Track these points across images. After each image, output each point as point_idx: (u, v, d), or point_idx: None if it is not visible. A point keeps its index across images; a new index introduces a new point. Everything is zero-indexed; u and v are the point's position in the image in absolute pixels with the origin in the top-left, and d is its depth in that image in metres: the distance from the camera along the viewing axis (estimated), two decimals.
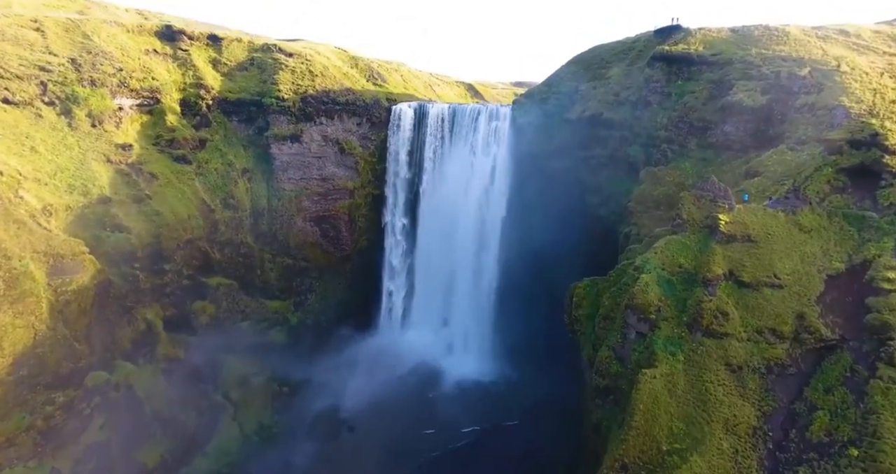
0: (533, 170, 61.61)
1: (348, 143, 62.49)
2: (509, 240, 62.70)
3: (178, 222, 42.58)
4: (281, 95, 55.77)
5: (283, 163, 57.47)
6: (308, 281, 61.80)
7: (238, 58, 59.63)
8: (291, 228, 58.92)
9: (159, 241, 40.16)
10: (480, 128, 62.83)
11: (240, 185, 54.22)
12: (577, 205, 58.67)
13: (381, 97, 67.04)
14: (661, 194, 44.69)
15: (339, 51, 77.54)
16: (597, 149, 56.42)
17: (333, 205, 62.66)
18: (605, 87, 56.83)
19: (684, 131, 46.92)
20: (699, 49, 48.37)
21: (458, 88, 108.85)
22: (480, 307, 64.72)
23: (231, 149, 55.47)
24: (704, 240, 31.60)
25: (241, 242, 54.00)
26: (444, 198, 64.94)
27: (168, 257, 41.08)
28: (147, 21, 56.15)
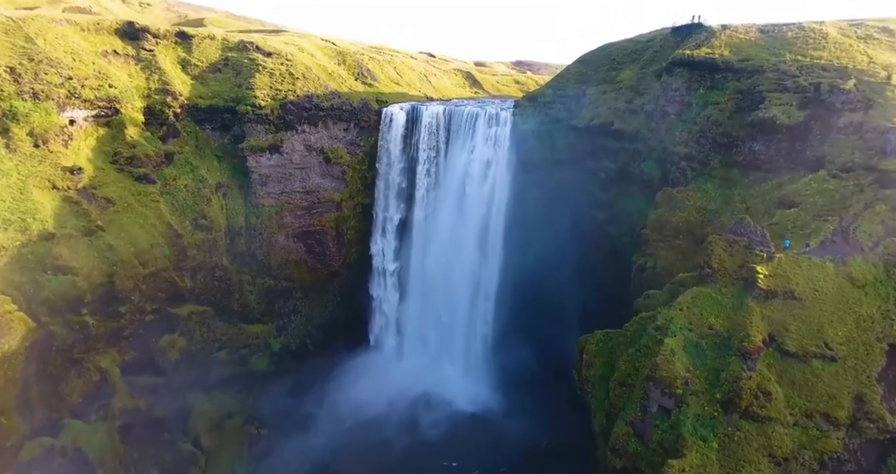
0: (535, 181, 56.60)
1: (334, 152, 57.24)
2: (510, 255, 58.07)
3: (137, 254, 37.75)
4: (257, 102, 50.28)
5: (261, 176, 52.32)
6: (292, 302, 57.24)
7: (210, 58, 53.90)
8: (272, 247, 54.09)
9: (113, 281, 35.40)
10: (479, 134, 57.58)
11: (213, 203, 49.18)
12: (584, 221, 53.87)
13: (370, 99, 61.53)
14: (680, 221, 39.89)
15: (324, 45, 71.58)
16: (605, 162, 51.36)
17: (319, 219, 57.70)
18: (616, 92, 51.44)
19: (706, 147, 41.86)
20: (725, 54, 42.94)
21: (456, 77, 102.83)
22: (479, 328, 60.45)
23: (203, 162, 50.25)
24: (739, 296, 26.97)
25: (215, 265, 49.24)
26: (440, 209, 60.15)
27: (124, 298, 36.40)
28: (105, 18, 50.26)
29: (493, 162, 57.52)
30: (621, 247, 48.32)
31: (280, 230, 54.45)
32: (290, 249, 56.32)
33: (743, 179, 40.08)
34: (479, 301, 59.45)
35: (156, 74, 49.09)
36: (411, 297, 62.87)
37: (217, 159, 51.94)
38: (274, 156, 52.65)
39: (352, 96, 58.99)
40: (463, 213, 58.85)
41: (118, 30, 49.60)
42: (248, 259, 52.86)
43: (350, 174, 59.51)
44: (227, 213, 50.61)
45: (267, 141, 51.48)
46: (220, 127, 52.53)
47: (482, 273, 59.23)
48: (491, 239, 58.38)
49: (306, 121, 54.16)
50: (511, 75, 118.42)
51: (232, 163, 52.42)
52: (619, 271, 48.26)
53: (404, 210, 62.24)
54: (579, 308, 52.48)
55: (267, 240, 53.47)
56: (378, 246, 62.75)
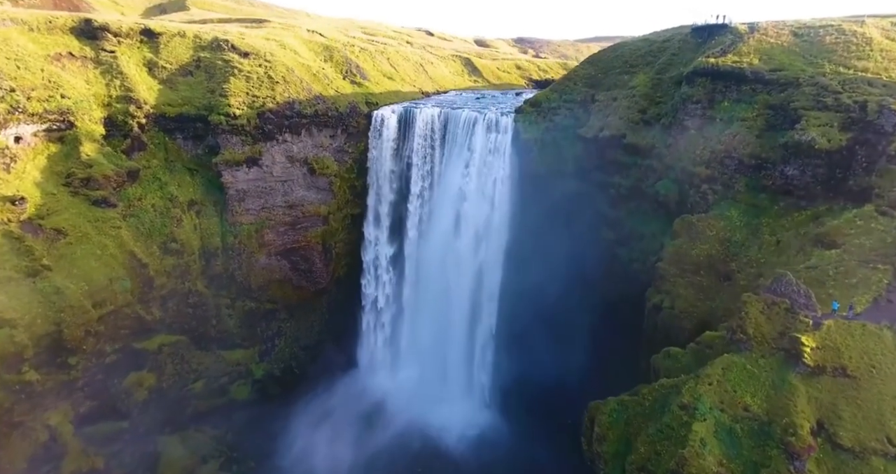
0: (538, 193, 52.15)
1: (320, 162, 52.54)
2: (511, 273, 54.03)
3: (92, 293, 33.59)
4: (232, 112, 45.35)
5: (238, 191, 47.73)
6: (276, 324, 53.34)
7: (181, 58, 48.69)
8: (253, 267, 49.87)
9: (60, 330, 31.27)
10: (477, 142, 52.83)
11: (185, 223, 44.75)
12: (591, 239, 49.62)
13: (359, 101, 56.54)
14: (701, 254, 35.69)
15: (310, 37, 66.14)
16: (616, 177, 46.85)
17: (304, 234, 53.35)
18: (629, 99, 46.59)
19: (731, 169, 37.39)
20: (754, 62, 38.08)
21: (455, 64, 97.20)
22: (478, 349, 56.71)
23: (174, 178, 45.64)
24: (780, 371, 22.98)
25: (189, 291, 45.11)
26: (435, 222, 55.84)
27: (75, 348, 32.36)
28: (60, 14, 44.91)
29: (492, 172, 52.93)
30: (633, 273, 44.24)
31: (261, 249, 50.16)
32: (273, 268, 52.12)
33: (772, 206, 35.78)
34: (478, 321, 55.57)
35: (117, 79, 44.07)
36: (406, 316, 59.10)
37: (189, 173, 47.29)
38: (252, 170, 47.98)
39: (338, 100, 53.97)
40: (460, 228, 54.58)
41: (74, 29, 44.36)
42: (226, 281, 48.70)
43: (338, 184, 54.96)
44: (200, 233, 46.21)
45: (243, 153, 46.74)
46: (193, 136, 47.71)
47: (482, 291, 55.23)
48: (491, 255, 54.24)
49: (288, 130, 49.33)
50: (512, 59, 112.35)
51: (206, 177, 47.80)
52: (630, 297, 44.19)
53: (397, 223, 58.00)
54: (587, 332, 48.66)
55: (246, 261, 49.23)
56: (369, 264, 58.68)
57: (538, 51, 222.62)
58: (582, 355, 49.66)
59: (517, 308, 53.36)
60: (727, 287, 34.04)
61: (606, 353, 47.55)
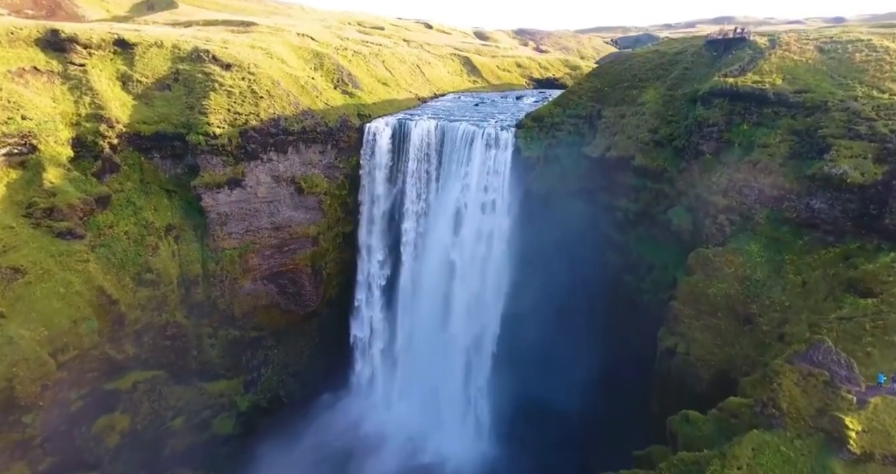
0: (540, 214, 49.27)
1: (308, 180, 49.42)
2: (512, 298, 51.18)
3: (52, 339, 30.62)
4: (211, 131, 42.11)
5: (220, 215, 44.63)
6: (262, 352, 50.46)
7: (157, 71, 45.36)
8: (236, 294, 46.90)
9: (13, 387, 28.25)
10: (476, 159, 49.76)
11: (161, 251, 41.68)
12: (596, 264, 46.81)
13: (350, 114, 53.32)
14: (719, 294, 32.79)
15: (300, 43, 62.75)
16: (624, 200, 43.90)
17: (292, 257, 50.34)
18: (638, 117, 43.50)
19: (750, 198, 34.40)
20: (777, 82, 34.98)
21: (453, 63, 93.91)
22: (475, 373, 53.94)
23: (149, 201, 42.50)
24: (820, 456, 20.17)
25: (166, 323, 42.14)
26: (432, 242, 52.95)
27: (30, 404, 29.42)
28: (25, 24, 41.49)
29: (491, 191, 49.97)
30: (642, 305, 41.43)
31: (245, 274, 47.14)
32: (259, 294, 49.15)
33: (796, 240, 32.84)
34: (477, 346, 52.76)
35: (87, 96, 40.78)
36: (401, 338, 56.31)
37: (167, 195, 44.14)
38: (235, 192, 44.84)
39: (328, 113, 50.73)
40: (458, 248, 51.70)
41: (40, 40, 41.00)
42: (208, 309, 45.73)
43: (328, 202, 51.86)
44: (179, 261, 43.16)
45: (225, 175, 43.58)
46: (171, 155, 44.47)
47: (481, 314, 52.46)
48: (491, 277, 51.38)
49: (273, 149, 46.14)
50: (512, 56, 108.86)
51: (186, 199, 44.65)
52: (639, 328, 41.50)
53: (391, 244, 55.08)
54: (593, 363, 45.89)
55: (230, 288, 46.23)
56: (362, 285, 55.78)
57: (539, 43, 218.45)
58: (587, 386, 47.00)
59: (518, 333, 50.67)
60: (748, 332, 31.23)
61: (613, 386, 44.88)
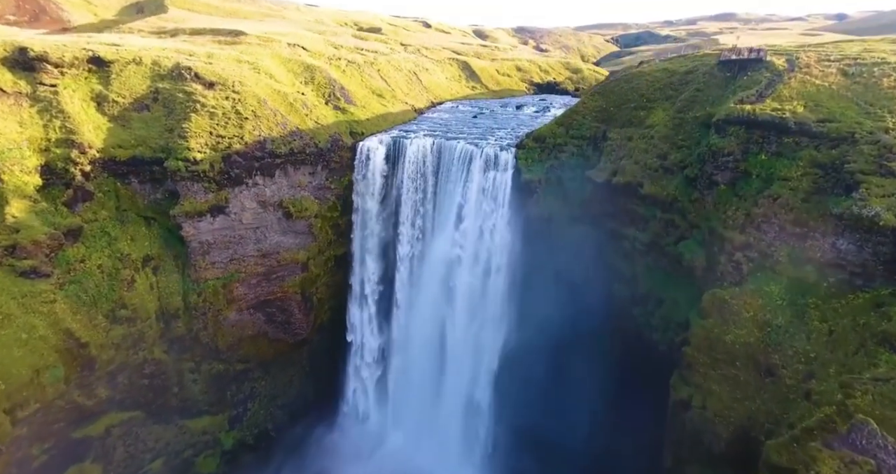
0: (541, 237, 46.87)
1: (297, 204, 46.80)
2: (513, 328, 48.78)
3: (8, 395, 27.74)
4: (192, 156, 39.39)
5: (202, 244, 41.98)
6: (248, 385, 47.85)
7: (136, 90, 42.64)
8: (220, 326, 44.27)
9: None
10: (474, 181, 47.29)
11: (138, 285, 39.01)
12: (601, 294, 44.34)
13: (342, 132, 50.72)
14: (737, 341, 30.32)
15: (290, 54, 60.11)
16: (632, 229, 41.40)
17: (280, 285, 47.73)
18: (646, 141, 41.00)
19: (770, 235, 31.97)
20: (798, 110, 32.52)
21: (451, 68, 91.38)
22: (477, 405, 51.45)
23: (125, 231, 39.80)
24: None
25: (143, 361, 39.52)
26: (428, 267, 50.49)
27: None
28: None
29: (491, 214, 47.46)
30: (651, 343, 38.97)
31: (230, 305, 44.49)
32: (245, 324, 46.54)
33: (820, 282, 30.39)
34: (475, 374, 50.31)
35: (58, 119, 38.06)
36: (396, 364, 53.82)
37: (146, 223, 41.46)
38: (218, 219, 42.19)
39: (318, 133, 48.09)
40: (455, 273, 49.21)
41: (6, 59, 38.22)
42: (190, 343, 43.10)
43: (319, 225, 49.29)
44: (158, 293, 40.50)
45: (207, 202, 40.91)
46: (150, 179, 41.81)
47: (480, 341, 49.98)
48: (490, 303, 48.89)
49: (259, 172, 43.50)
50: (512, 60, 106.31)
51: (166, 226, 41.98)
52: (649, 369, 39.04)
53: (385, 268, 52.57)
54: (600, 403, 43.47)
55: (213, 320, 43.59)
56: (355, 309, 53.28)
57: (539, 42, 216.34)
58: (594, 429, 44.60)
59: (519, 365, 48.27)
60: (770, 385, 28.78)
61: (622, 430, 42.39)
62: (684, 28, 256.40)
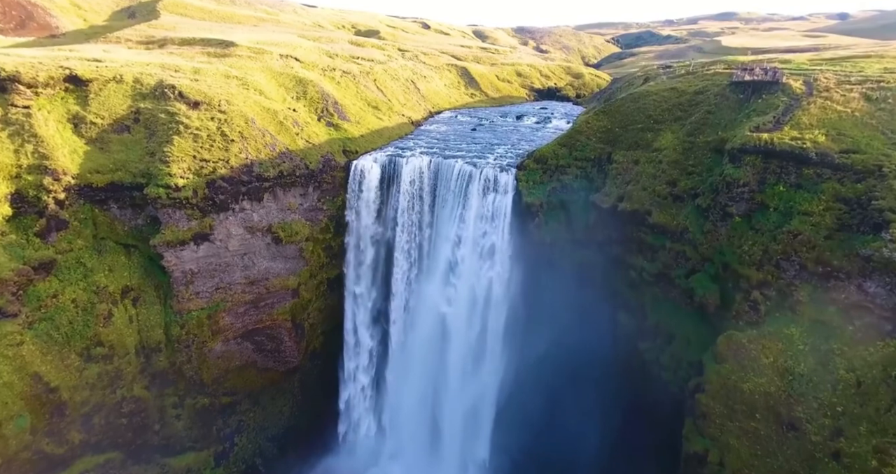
0: (543, 263, 44.79)
1: (287, 228, 44.53)
2: (512, 359, 46.65)
3: None
4: (173, 182, 37.11)
5: (185, 273, 39.70)
6: (235, 418, 45.55)
7: (115, 110, 40.38)
8: (205, 358, 41.98)
9: None
10: (472, 204, 45.12)
11: (116, 319, 36.74)
12: (606, 324, 42.33)
13: (335, 151, 48.46)
14: (756, 390, 28.19)
15: (282, 67, 57.73)
16: (639, 259, 39.28)
17: (269, 313, 45.44)
18: (654, 166, 38.88)
19: (790, 273, 29.89)
20: (819, 139, 30.44)
21: (450, 74, 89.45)
22: (476, 436, 49.26)
23: (102, 261, 37.53)
24: None
25: (122, 399, 37.26)
26: (424, 292, 48.31)
27: None
28: None
29: (490, 238, 45.28)
30: (661, 383, 36.76)
31: (215, 336, 42.20)
32: (232, 354, 44.24)
33: (846, 326, 28.30)
34: (475, 410, 48.10)
35: (30, 144, 35.79)
36: (391, 392, 51.59)
37: (125, 251, 39.19)
38: (202, 247, 39.91)
39: (309, 153, 45.84)
40: (454, 298, 47.02)
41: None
42: (173, 377, 40.81)
43: (310, 248, 47.00)
44: (138, 327, 38.23)
45: (190, 230, 38.64)
46: (131, 204, 39.54)
47: (479, 375, 47.80)
48: (490, 331, 46.72)
49: (246, 197, 41.23)
50: (512, 65, 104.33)
51: (147, 254, 39.70)
52: (659, 411, 36.95)
53: (381, 291, 50.36)
54: (606, 443, 41.29)
55: (197, 352, 41.29)
56: (349, 333, 51.04)
57: (539, 42, 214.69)
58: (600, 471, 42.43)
59: (520, 398, 46.14)
60: (793, 440, 26.67)
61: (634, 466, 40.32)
62: (685, 27, 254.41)
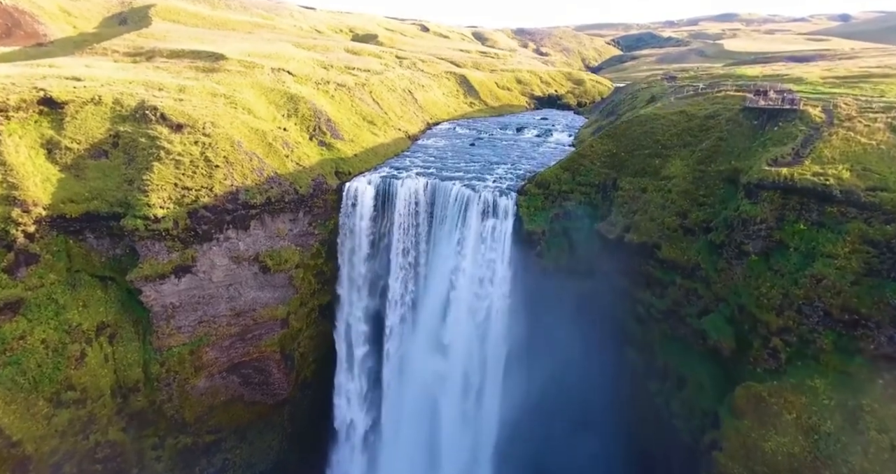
0: (544, 293, 42.44)
1: (275, 256, 42.25)
2: (513, 388, 44.42)
3: None
4: (152, 213, 34.78)
5: (165, 307, 37.37)
6: (220, 457, 43.16)
7: (93, 134, 38.09)
8: (188, 396, 39.63)
9: None
10: (471, 230, 42.94)
11: (89, 359, 34.38)
12: (611, 359, 40.06)
13: (327, 173, 46.20)
14: (779, 451, 26.00)
15: (272, 85, 55.29)
16: (647, 293, 37.09)
17: (256, 345, 43.13)
18: (663, 195, 36.73)
19: (813, 320, 27.74)
20: (843, 175, 28.32)
21: (449, 82, 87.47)
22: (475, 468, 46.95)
23: (76, 296, 35.18)
24: None
25: (95, 445, 34.88)
26: (421, 322, 46.11)
27: None
28: None
29: (489, 267, 43.09)
30: (672, 431, 34.52)
31: (198, 372, 39.85)
32: (217, 390, 41.90)
33: (875, 379, 26.17)
34: (474, 447, 45.79)
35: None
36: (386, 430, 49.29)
37: (102, 284, 36.82)
38: (184, 279, 37.59)
39: (300, 176, 43.55)
40: (451, 333, 44.83)
41: None
42: (153, 417, 38.44)
43: (301, 275, 44.72)
44: (114, 366, 35.87)
45: (171, 262, 36.32)
46: (108, 234, 37.22)
47: (478, 411, 45.57)
48: (489, 368, 44.49)
49: (231, 226, 38.95)
50: (511, 70, 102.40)
51: (125, 287, 37.33)
52: (669, 456, 34.87)
53: (375, 320, 48.08)
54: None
55: (178, 390, 38.92)
56: (342, 362, 48.74)
57: (539, 44, 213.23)
58: None
59: (522, 435, 43.82)
60: None
61: None
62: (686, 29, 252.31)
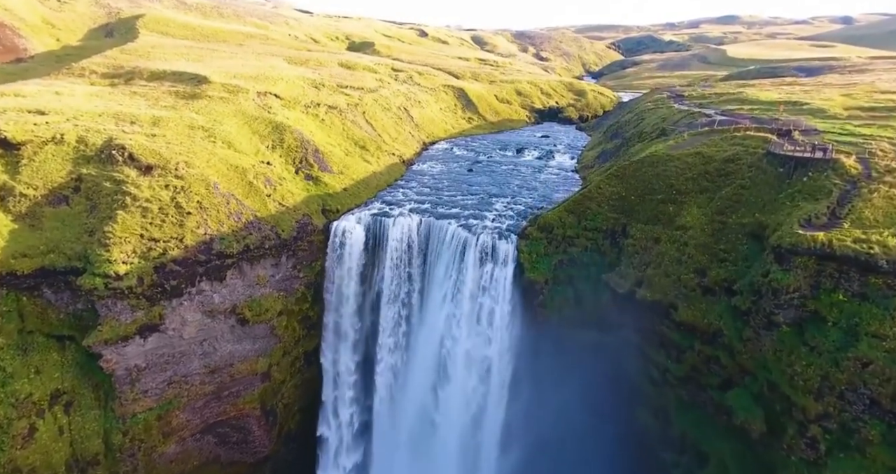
0: (548, 348, 39.17)
1: (255, 306, 38.70)
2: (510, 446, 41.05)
3: None
4: (114, 270, 31.17)
5: (129, 370, 33.70)
6: None
7: (52, 178, 34.54)
8: (155, 465, 35.89)
9: None
10: (467, 272, 39.68)
11: (40, 434, 30.69)
12: (620, 417, 36.72)
13: (313, 212, 42.74)
14: None
15: (255, 113, 51.21)
16: (661, 356, 33.72)
17: (234, 402, 39.48)
18: (678, 247, 33.45)
19: (858, 408, 24.42)
20: (889, 243, 25.07)
21: (446, 97, 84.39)
22: None
23: (27, 362, 31.51)
24: None
25: None
26: (413, 375, 42.84)
27: None
28: None
29: (487, 315, 39.76)
30: None
31: (167, 438, 36.15)
32: (188, 454, 38.23)
33: None
34: None
35: None
36: None
37: (58, 345, 33.12)
38: (151, 338, 33.94)
39: (282, 218, 40.04)
40: (446, 387, 41.46)
41: None
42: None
43: (284, 324, 41.18)
44: (70, 438, 32.17)
45: (135, 322, 32.67)
46: (68, 288, 33.61)
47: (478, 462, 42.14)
48: (487, 427, 41.06)
49: (205, 278, 35.37)
50: (511, 81, 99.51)
51: (83, 350, 33.65)
52: None
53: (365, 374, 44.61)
54: None
55: (144, 461, 35.18)
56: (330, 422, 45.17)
57: (539, 48, 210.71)
58: None
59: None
60: None
61: None
62: (687, 31, 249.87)
